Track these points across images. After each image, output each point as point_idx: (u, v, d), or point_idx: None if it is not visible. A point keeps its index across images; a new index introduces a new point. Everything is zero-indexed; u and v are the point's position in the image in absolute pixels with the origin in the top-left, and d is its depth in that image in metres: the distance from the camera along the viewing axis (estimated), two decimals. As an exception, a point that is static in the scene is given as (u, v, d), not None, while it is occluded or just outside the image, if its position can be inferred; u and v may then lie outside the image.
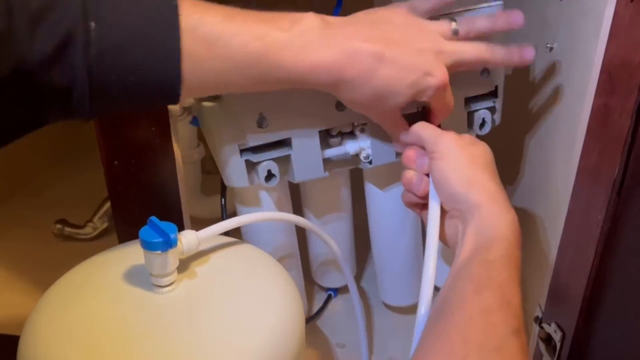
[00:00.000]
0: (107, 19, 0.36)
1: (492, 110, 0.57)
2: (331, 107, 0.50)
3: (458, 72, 0.48)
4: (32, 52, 0.35)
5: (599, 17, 0.44)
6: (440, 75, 0.44)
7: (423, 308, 0.40)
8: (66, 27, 0.35)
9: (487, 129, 0.57)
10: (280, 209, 0.59)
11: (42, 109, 0.38)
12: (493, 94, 0.57)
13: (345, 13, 0.47)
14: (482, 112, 0.56)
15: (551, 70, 0.58)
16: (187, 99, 0.52)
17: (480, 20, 0.48)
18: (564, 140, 0.53)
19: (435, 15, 0.48)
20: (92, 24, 0.36)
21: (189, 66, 0.39)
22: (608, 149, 0.44)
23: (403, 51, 0.44)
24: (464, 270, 0.37)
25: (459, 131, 0.48)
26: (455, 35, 0.47)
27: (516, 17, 0.48)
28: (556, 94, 0.56)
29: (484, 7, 0.50)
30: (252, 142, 0.50)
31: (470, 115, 0.56)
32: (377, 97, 0.45)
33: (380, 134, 0.52)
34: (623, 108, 0.41)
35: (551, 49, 0.58)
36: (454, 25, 0.47)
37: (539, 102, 0.63)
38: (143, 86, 0.39)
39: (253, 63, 0.41)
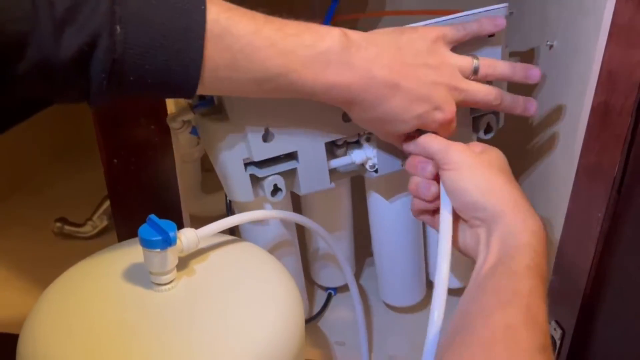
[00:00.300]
0: (134, 23, 0.36)
1: (496, 114, 0.56)
2: (338, 119, 0.50)
3: None
4: (56, 55, 0.35)
5: (599, 15, 0.44)
6: (448, 111, 0.45)
7: (436, 313, 0.39)
8: (92, 31, 0.35)
9: (492, 133, 0.57)
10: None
11: (54, 95, 0.39)
12: None
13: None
14: (487, 116, 0.56)
15: (551, 69, 0.58)
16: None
17: (501, 66, 0.49)
18: (565, 139, 0.53)
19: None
20: (118, 28, 0.36)
21: (208, 73, 0.39)
22: (608, 147, 0.44)
23: (418, 83, 0.44)
24: (488, 281, 0.36)
25: (464, 136, 0.48)
26: (475, 74, 0.47)
27: (533, 72, 0.49)
28: (556, 92, 0.56)
29: (489, 10, 0.50)
30: (258, 156, 0.49)
31: (476, 120, 0.56)
32: (384, 121, 0.46)
33: (386, 143, 0.51)
34: (623, 106, 0.41)
35: (551, 46, 0.58)
36: (475, 63, 0.47)
37: (539, 100, 0.63)
38: (159, 87, 0.39)
39: (273, 77, 0.41)
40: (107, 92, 0.38)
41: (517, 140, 0.68)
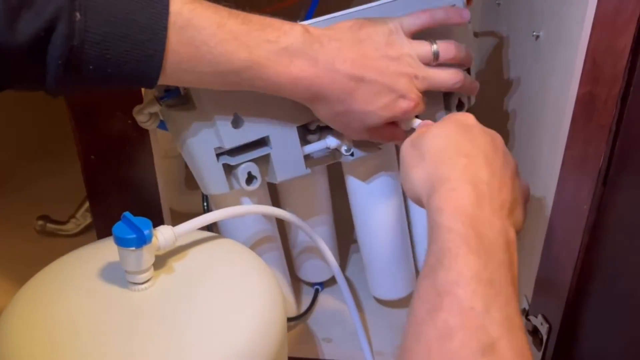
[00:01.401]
0: (94, 11, 0.35)
1: None
2: None
3: None
4: (10, 40, 0.34)
5: (584, 4, 0.43)
6: (413, 98, 0.47)
7: None
8: (50, 16, 0.34)
9: (464, 109, 0.57)
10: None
11: (7, 81, 0.37)
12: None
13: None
14: (457, 92, 0.56)
15: (537, 59, 0.57)
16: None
17: (457, 47, 0.49)
18: (551, 130, 0.52)
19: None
20: (78, 15, 0.35)
21: (170, 65, 0.39)
22: (593, 137, 0.43)
23: (381, 75, 0.45)
24: (417, 284, 0.33)
25: (437, 114, 0.50)
26: (436, 59, 0.48)
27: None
28: (542, 82, 0.55)
29: None
30: (229, 144, 0.48)
31: (447, 97, 0.56)
32: (351, 115, 0.46)
33: None
34: (608, 96, 0.41)
35: (537, 37, 0.57)
36: (434, 48, 0.48)
37: (525, 91, 0.63)
38: (120, 78, 0.39)
39: (236, 71, 0.41)
40: (63, 80, 0.37)
41: (504, 131, 0.68)
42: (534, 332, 0.53)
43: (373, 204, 0.61)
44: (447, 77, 0.49)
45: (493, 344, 0.28)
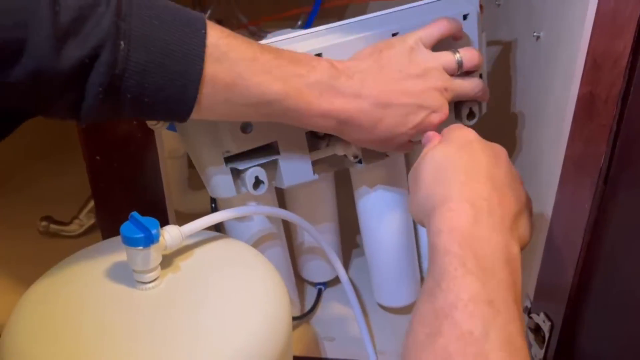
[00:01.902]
0: (137, 40, 0.36)
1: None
2: None
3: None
4: (54, 66, 0.34)
5: (584, 5, 0.44)
6: (444, 111, 0.48)
7: None
8: (96, 43, 0.34)
9: (475, 119, 0.57)
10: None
11: (43, 107, 0.38)
12: None
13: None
14: (469, 102, 0.56)
15: (538, 59, 0.58)
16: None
17: (478, 55, 0.50)
18: (552, 130, 0.53)
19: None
20: (122, 44, 0.35)
21: (205, 96, 0.40)
22: (594, 137, 0.43)
23: (409, 96, 0.46)
24: (417, 305, 0.33)
25: (447, 123, 0.48)
26: (460, 68, 0.49)
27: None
28: (543, 82, 0.56)
29: None
30: (237, 148, 0.48)
31: (458, 106, 0.56)
32: (383, 140, 0.47)
33: None
34: (608, 95, 0.41)
35: (538, 37, 0.57)
36: (458, 57, 0.49)
37: (526, 91, 0.63)
38: (155, 108, 0.39)
39: (268, 102, 0.42)
40: (100, 108, 0.37)
41: (506, 132, 0.68)
42: (536, 330, 0.54)
43: (380, 211, 0.61)
44: (471, 87, 0.50)
45: None
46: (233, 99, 0.41)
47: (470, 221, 0.34)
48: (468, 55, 0.49)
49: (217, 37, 0.39)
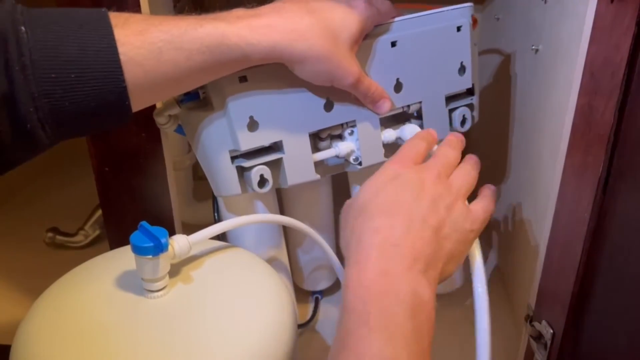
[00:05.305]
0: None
1: (470, 107, 0.58)
2: (320, 109, 0.51)
3: (438, 74, 0.53)
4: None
5: (581, 18, 0.45)
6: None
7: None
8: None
9: (467, 125, 0.59)
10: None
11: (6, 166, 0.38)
12: (470, 93, 0.59)
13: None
14: (461, 109, 0.57)
15: (537, 72, 0.59)
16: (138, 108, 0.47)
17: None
18: (551, 140, 0.54)
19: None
20: (22, 27, 0.35)
21: (133, 78, 0.38)
22: (592, 147, 0.44)
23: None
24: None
25: (441, 129, 0.49)
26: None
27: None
28: (542, 94, 0.57)
29: (455, 9, 0.53)
30: (244, 147, 0.49)
31: (450, 113, 0.58)
32: (331, 35, 0.45)
33: (369, 135, 0.53)
34: (606, 107, 0.42)
35: (536, 50, 0.59)
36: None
37: (526, 103, 0.64)
38: (91, 114, 0.39)
39: (211, 47, 0.40)
40: (51, 135, 0.38)
41: (505, 142, 0.69)
42: (538, 338, 0.54)
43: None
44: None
45: None
46: (161, 65, 0.39)
47: (376, 272, 0.34)
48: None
49: (124, 36, 0.38)
